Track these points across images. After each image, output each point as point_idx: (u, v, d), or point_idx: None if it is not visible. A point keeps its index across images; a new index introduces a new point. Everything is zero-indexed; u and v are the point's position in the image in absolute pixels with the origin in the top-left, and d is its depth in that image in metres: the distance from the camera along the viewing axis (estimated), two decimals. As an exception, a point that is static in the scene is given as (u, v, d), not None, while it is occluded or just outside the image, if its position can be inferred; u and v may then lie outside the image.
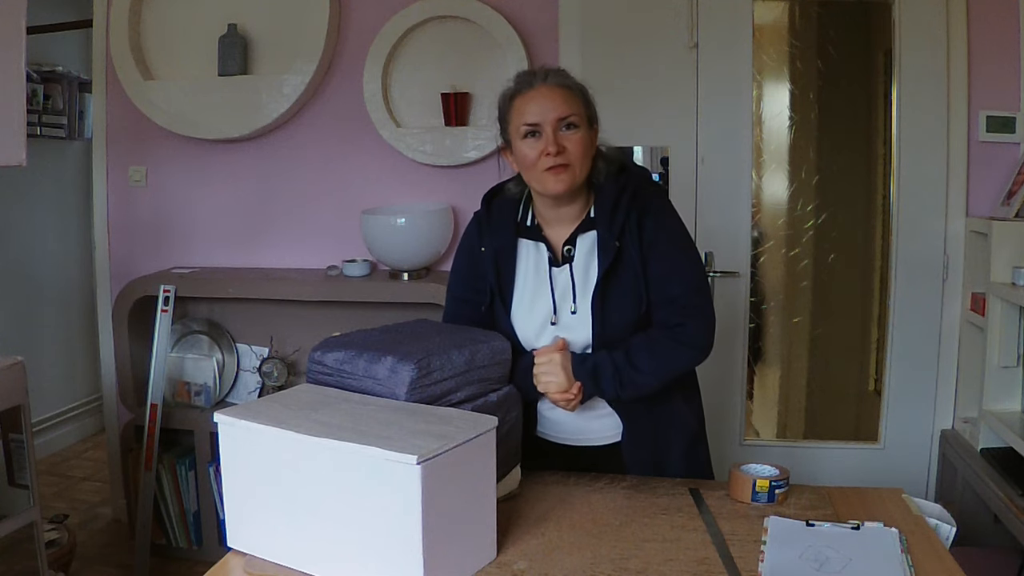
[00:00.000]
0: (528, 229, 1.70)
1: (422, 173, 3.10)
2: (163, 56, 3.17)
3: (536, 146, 1.58)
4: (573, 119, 1.58)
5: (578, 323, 1.64)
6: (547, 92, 1.59)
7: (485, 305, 1.70)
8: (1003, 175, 2.82)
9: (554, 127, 1.57)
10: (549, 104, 1.57)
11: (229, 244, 3.28)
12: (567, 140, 1.58)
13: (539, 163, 1.58)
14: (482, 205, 1.75)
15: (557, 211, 1.66)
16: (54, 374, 4.18)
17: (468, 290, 1.75)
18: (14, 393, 2.17)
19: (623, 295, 1.62)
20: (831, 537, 1.38)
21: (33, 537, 2.24)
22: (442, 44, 3.03)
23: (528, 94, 1.60)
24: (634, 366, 1.59)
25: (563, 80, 1.62)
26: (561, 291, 1.66)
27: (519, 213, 1.71)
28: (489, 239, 1.70)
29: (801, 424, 3.13)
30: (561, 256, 1.67)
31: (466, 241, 1.78)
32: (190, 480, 3.05)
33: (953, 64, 2.81)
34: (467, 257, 1.76)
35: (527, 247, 1.70)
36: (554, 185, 1.58)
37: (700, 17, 2.91)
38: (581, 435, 1.73)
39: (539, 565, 1.30)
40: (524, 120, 1.59)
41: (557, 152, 1.56)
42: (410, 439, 1.18)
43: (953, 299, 2.89)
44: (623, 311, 1.62)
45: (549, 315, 1.66)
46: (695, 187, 2.96)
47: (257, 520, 1.31)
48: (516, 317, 1.68)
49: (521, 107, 1.60)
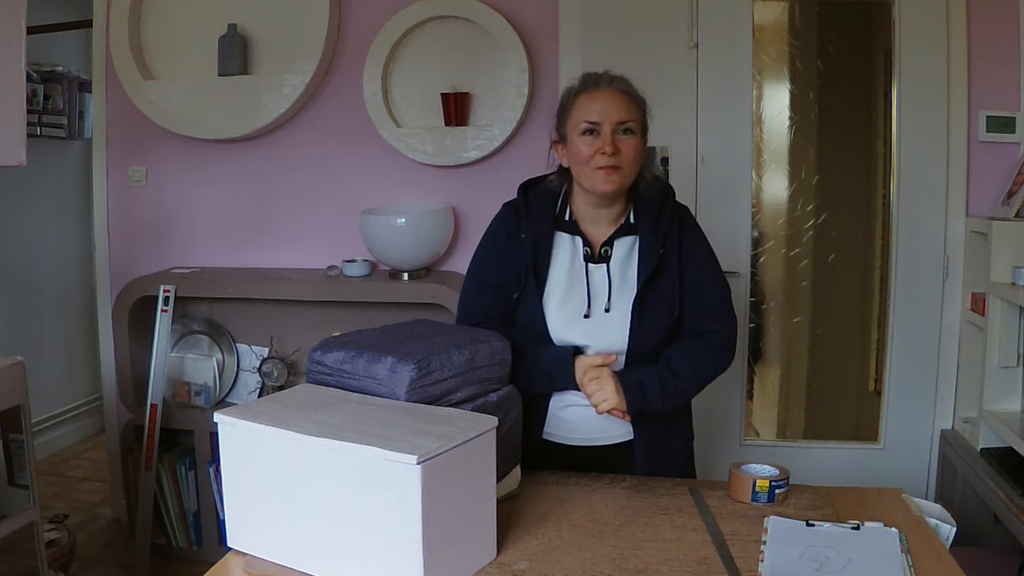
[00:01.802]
0: (565, 223, 1.74)
1: (422, 173, 3.10)
2: (163, 56, 3.17)
3: (593, 144, 1.63)
4: (631, 125, 1.64)
5: (611, 322, 1.67)
6: (611, 95, 1.65)
7: (517, 292, 1.71)
8: (1003, 175, 2.82)
9: (613, 129, 1.63)
10: (612, 106, 1.63)
11: (229, 244, 3.28)
12: (623, 143, 1.63)
13: (593, 160, 1.63)
14: (519, 194, 1.77)
15: (597, 210, 1.71)
16: (54, 374, 4.17)
17: (496, 276, 1.75)
18: (14, 393, 2.17)
19: (660, 300, 1.68)
20: (831, 537, 1.38)
21: (33, 537, 2.24)
22: (442, 44, 3.03)
23: (593, 93, 1.66)
24: (677, 375, 1.66)
25: (627, 87, 1.69)
26: (596, 288, 1.69)
27: (558, 205, 1.75)
28: (528, 225, 1.72)
29: (801, 424, 3.13)
30: (598, 254, 1.71)
31: (500, 227, 1.78)
32: (190, 480, 3.05)
33: (953, 64, 2.81)
34: (499, 243, 1.76)
35: (563, 240, 1.73)
36: (604, 184, 1.63)
37: (700, 17, 2.91)
38: (593, 435, 1.75)
39: (539, 565, 1.30)
40: (586, 117, 1.64)
41: (612, 152, 1.62)
42: (410, 439, 1.19)
43: (953, 299, 2.89)
44: (659, 315, 1.68)
45: (582, 308, 1.68)
46: (695, 187, 2.96)
47: (257, 520, 1.31)
48: (549, 305, 1.70)
49: (584, 104, 1.65)
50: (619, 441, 1.75)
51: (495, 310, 1.73)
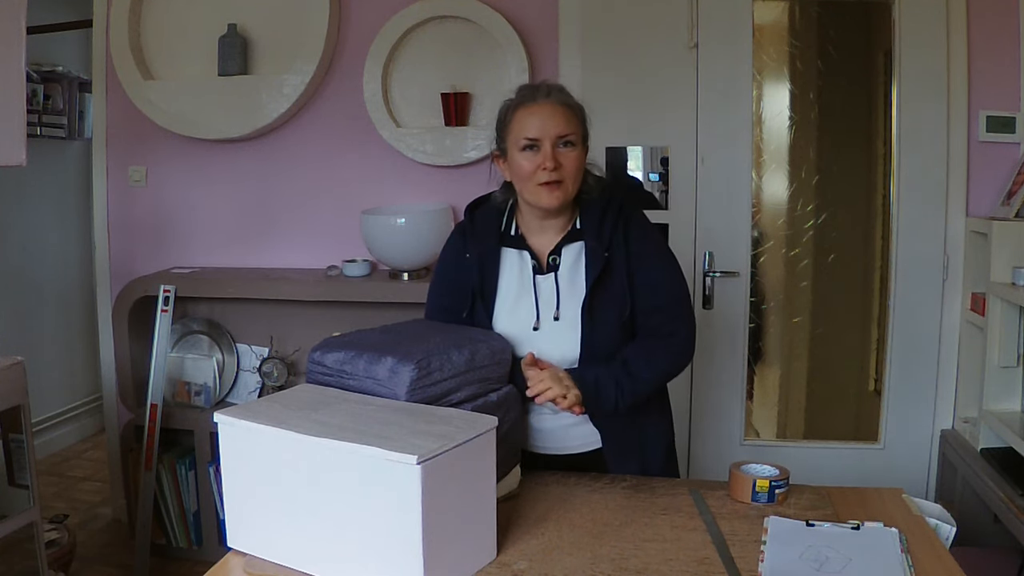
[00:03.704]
0: (511, 238, 1.73)
1: (422, 173, 3.10)
2: (163, 56, 3.17)
3: (533, 160, 1.62)
4: (571, 137, 1.63)
5: (561, 330, 1.67)
6: (550, 109, 1.63)
7: (466, 312, 1.71)
8: (1003, 175, 2.82)
9: (553, 143, 1.61)
10: (551, 121, 1.62)
11: (229, 244, 3.28)
12: (564, 157, 1.62)
13: (535, 176, 1.62)
14: (465, 215, 1.78)
15: (543, 222, 1.70)
16: (54, 374, 4.17)
17: (448, 297, 1.76)
18: (14, 393, 2.17)
19: (610, 303, 1.66)
20: (831, 537, 1.38)
21: (33, 537, 2.24)
22: (442, 44, 3.03)
23: (531, 107, 1.64)
24: (633, 376, 1.63)
25: (565, 99, 1.66)
26: (545, 298, 1.69)
27: (503, 222, 1.74)
28: (474, 246, 1.73)
29: (801, 424, 3.13)
30: (546, 265, 1.70)
31: (449, 251, 1.80)
32: (190, 480, 3.05)
33: (953, 64, 2.81)
34: (449, 266, 1.78)
35: (510, 255, 1.73)
36: (548, 200, 1.63)
37: (700, 17, 2.91)
38: (561, 443, 1.74)
39: (539, 565, 1.30)
40: (525, 133, 1.62)
41: (554, 168, 1.60)
42: (410, 439, 1.19)
43: (953, 299, 2.88)
44: (609, 318, 1.66)
45: (531, 321, 1.68)
46: (695, 187, 2.96)
47: (257, 520, 1.31)
48: (498, 323, 1.70)
49: (523, 119, 1.64)
50: (590, 449, 1.74)
51: None
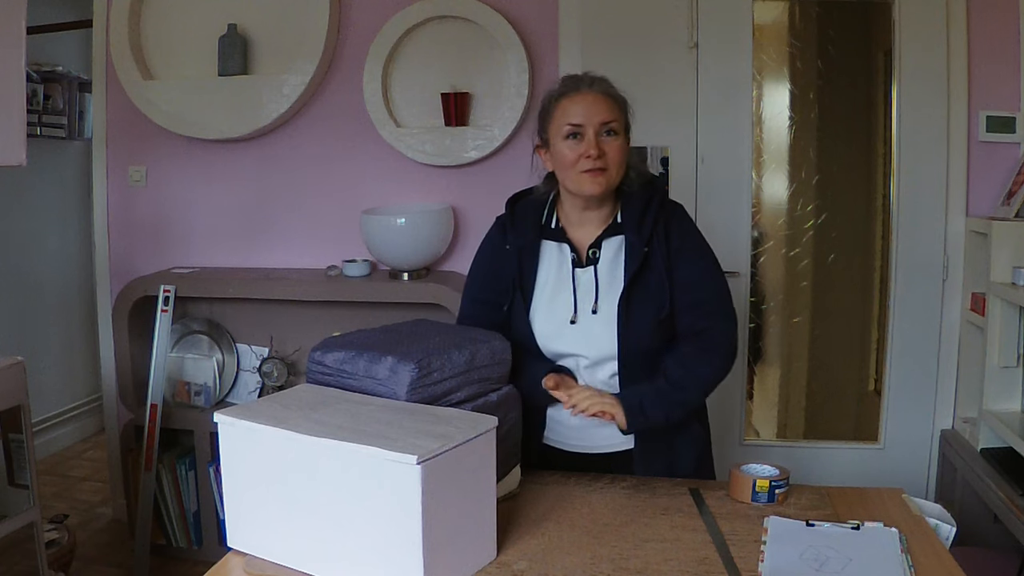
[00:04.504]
0: (552, 231, 1.73)
1: (422, 173, 3.10)
2: (163, 56, 3.17)
3: (577, 147, 1.63)
4: (614, 125, 1.64)
5: (598, 324, 1.66)
6: (593, 97, 1.64)
7: (506, 305, 1.71)
8: (1003, 175, 2.82)
9: (596, 131, 1.62)
10: (594, 108, 1.63)
11: (229, 244, 3.28)
12: (607, 145, 1.63)
13: (578, 164, 1.62)
14: (506, 208, 1.78)
15: (584, 213, 1.70)
16: (54, 374, 4.17)
17: (487, 291, 1.76)
18: (14, 393, 2.17)
19: (648, 298, 1.65)
20: (831, 537, 1.38)
21: (33, 537, 2.24)
22: (442, 44, 3.03)
23: (574, 97, 1.65)
24: (676, 387, 1.62)
25: (608, 88, 1.68)
26: (583, 291, 1.68)
27: (543, 215, 1.74)
28: (514, 238, 1.73)
29: (801, 424, 3.13)
30: (586, 258, 1.70)
31: (488, 243, 1.80)
32: (190, 480, 3.05)
33: (953, 64, 2.81)
34: (489, 258, 1.78)
35: (550, 248, 1.73)
36: (590, 187, 1.63)
37: (700, 17, 2.91)
38: (587, 441, 1.74)
39: (539, 565, 1.30)
40: (568, 120, 1.63)
41: (597, 155, 1.61)
42: (410, 439, 1.18)
43: (953, 299, 2.89)
44: (646, 314, 1.65)
45: (569, 314, 1.68)
46: (695, 187, 2.96)
47: (257, 520, 1.31)
48: (535, 315, 1.70)
49: (566, 108, 1.64)
50: (619, 449, 1.72)
51: (489, 324, 1.72)
